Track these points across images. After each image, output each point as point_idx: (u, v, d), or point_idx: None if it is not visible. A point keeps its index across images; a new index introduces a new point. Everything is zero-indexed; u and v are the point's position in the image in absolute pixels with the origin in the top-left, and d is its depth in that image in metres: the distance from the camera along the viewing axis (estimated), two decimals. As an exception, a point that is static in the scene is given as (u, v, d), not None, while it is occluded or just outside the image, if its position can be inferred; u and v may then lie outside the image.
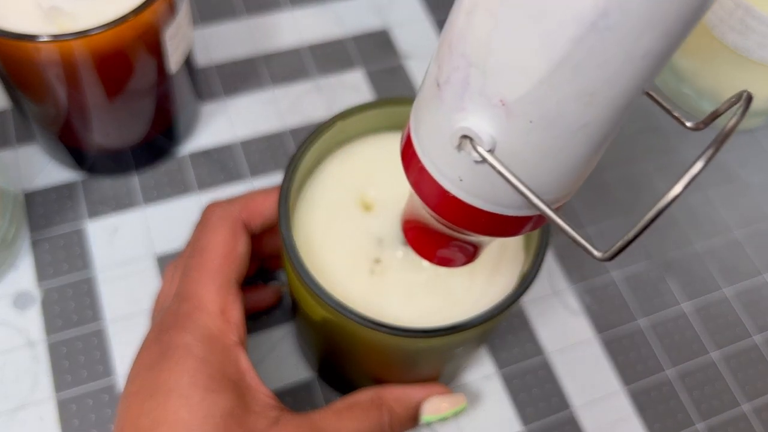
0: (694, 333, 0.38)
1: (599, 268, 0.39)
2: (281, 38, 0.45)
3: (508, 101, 0.15)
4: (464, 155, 0.17)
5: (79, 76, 0.31)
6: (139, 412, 0.25)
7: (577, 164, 0.17)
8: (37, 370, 0.33)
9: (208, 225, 0.29)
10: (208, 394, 0.25)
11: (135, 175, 0.39)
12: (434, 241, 0.22)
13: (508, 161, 0.16)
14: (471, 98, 0.16)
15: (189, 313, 0.26)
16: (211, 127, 0.41)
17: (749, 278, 0.40)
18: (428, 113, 0.18)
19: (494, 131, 0.16)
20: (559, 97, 0.15)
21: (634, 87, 0.15)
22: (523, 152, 0.16)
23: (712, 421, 0.36)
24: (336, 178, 0.28)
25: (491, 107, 0.15)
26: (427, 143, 0.18)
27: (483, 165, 0.17)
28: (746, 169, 0.44)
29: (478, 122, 0.16)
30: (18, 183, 0.38)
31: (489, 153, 0.16)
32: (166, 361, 0.25)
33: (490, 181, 0.17)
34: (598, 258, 0.16)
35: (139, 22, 0.30)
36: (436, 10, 0.47)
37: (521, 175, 0.16)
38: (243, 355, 0.27)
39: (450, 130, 0.17)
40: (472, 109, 0.16)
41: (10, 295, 0.35)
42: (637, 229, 0.15)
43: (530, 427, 0.35)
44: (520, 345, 0.37)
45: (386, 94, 0.43)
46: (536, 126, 0.15)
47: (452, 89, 0.16)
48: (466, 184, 0.17)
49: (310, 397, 0.35)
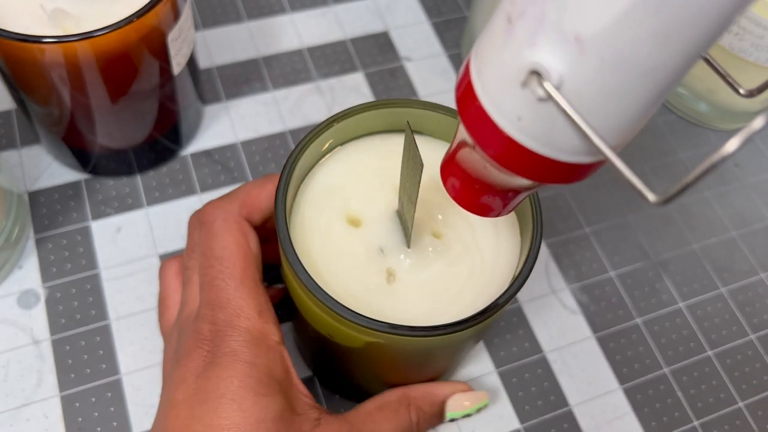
0: (690, 331, 0.39)
1: (597, 268, 0.40)
2: (282, 40, 0.45)
3: (584, 37, 0.15)
4: (528, 93, 0.16)
5: (82, 77, 0.31)
6: (191, 418, 0.25)
7: (638, 110, 0.17)
8: (41, 368, 0.34)
9: (215, 230, 0.28)
10: (259, 398, 0.25)
11: (138, 175, 0.40)
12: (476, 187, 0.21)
13: (573, 101, 0.16)
14: (545, 33, 0.16)
15: (229, 322, 0.26)
16: (213, 128, 0.42)
17: (745, 277, 0.41)
18: (495, 49, 0.17)
19: (564, 68, 0.16)
20: (635, 35, 0.15)
21: (708, 36, 0.15)
22: (588, 92, 0.16)
23: (708, 419, 0.36)
24: (331, 183, 0.28)
25: (565, 43, 0.15)
26: (489, 80, 0.18)
27: (546, 103, 0.16)
28: (742, 170, 0.44)
29: (548, 58, 0.16)
30: (22, 183, 0.38)
31: (555, 90, 0.16)
32: (214, 368, 0.25)
33: (550, 122, 0.17)
34: (652, 201, 0.17)
35: (142, 24, 0.30)
36: (435, 12, 0.48)
37: (587, 116, 0.16)
38: (286, 353, 0.27)
39: (517, 66, 0.16)
40: (544, 45, 0.16)
41: (14, 294, 0.35)
42: (692, 176, 0.16)
43: (528, 424, 0.35)
44: (518, 343, 0.37)
45: (387, 95, 0.44)
46: (607, 65, 0.15)
47: (526, 24, 0.16)
48: (525, 123, 0.17)
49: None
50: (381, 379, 0.31)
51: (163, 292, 0.31)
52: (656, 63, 0.15)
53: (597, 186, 0.43)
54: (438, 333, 0.24)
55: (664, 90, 0.16)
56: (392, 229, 0.27)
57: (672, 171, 0.44)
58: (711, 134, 0.45)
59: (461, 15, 0.48)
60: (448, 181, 0.22)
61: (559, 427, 0.35)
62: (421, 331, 0.24)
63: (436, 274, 0.27)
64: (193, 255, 0.29)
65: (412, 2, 0.48)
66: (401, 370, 0.30)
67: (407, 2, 0.48)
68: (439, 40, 0.47)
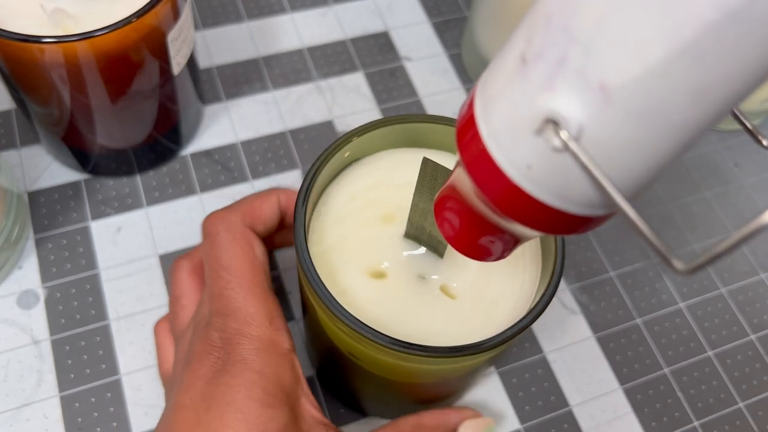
0: (690, 332, 0.39)
1: (597, 268, 0.40)
2: (282, 40, 0.45)
3: (610, 86, 0.14)
4: (541, 141, 0.15)
5: (82, 77, 0.31)
6: (196, 424, 0.25)
7: (662, 163, 0.15)
8: (41, 368, 0.34)
9: (219, 240, 0.28)
10: (264, 410, 0.25)
11: (138, 175, 0.39)
12: (473, 230, 0.20)
13: (592, 152, 0.15)
14: (565, 78, 0.14)
15: (239, 330, 0.26)
16: (213, 128, 0.42)
17: (745, 278, 0.41)
18: (505, 90, 0.16)
19: (584, 117, 0.14)
20: (669, 89, 0.13)
21: (747, 90, 0.14)
22: (610, 144, 0.15)
23: (708, 419, 0.36)
24: (351, 196, 0.28)
25: (588, 90, 0.14)
26: (497, 122, 0.16)
27: (562, 154, 0.15)
28: (742, 170, 0.44)
29: (567, 105, 0.14)
30: (22, 183, 0.38)
31: (574, 141, 0.14)
32: (223, 375, 0.25)
33: (565, 173, 0.15)
34: (679, 270, 0.15)
35: (142, 24, 0.30)
36: (435, 12, 0.48)
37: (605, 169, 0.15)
38: (297, 361, 0.27)
39: (531, 111, 0.15)
40: (564, 90, 0.14)
41: (14, 294, 0.35)
42: (725, 246, 0.14)
43: (528, 425, 0.35)
44: (518, 344, 0.37)
45: (387, 95, 0.44)
46: (633, 117, 0.14)
47: (543, 66, 0.15)
48: (535, 172, 0.16)
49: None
50: (390, 396, 0.31)
51: (176, 292, 0.31)
52: (688, 118, 0.14)
53: (597, 186, 0.42)
54: (470, 352, 0.23)
55: (691, 142, 0.15)
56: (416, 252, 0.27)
57: (671, 173, 0.44)
58: (712, 134, 0.45)
59: (461, 15, 0.48)
60: (444, 219, 0.21)
61: (559, 428, 0.35)
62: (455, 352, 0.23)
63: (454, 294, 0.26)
64: (200, 267, 0.30)
65: (412, 2, 0.48)
66: (415, 391, 0.30)
67: (407, 2, 0.48)
68: (439, 40, 0.47)
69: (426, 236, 0.26)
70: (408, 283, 0.26)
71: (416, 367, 0.25)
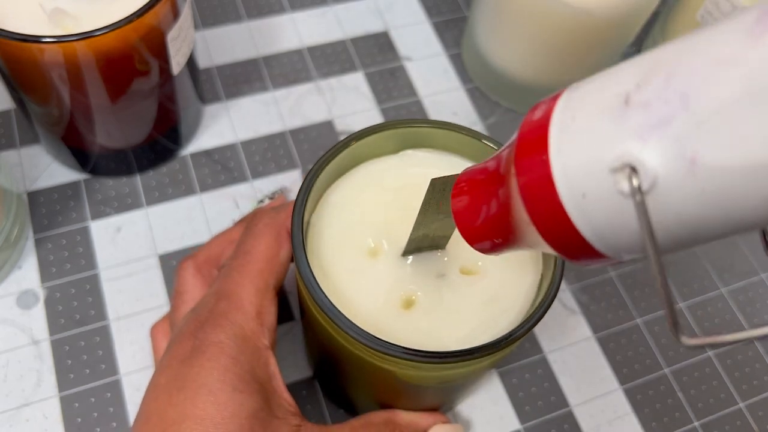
0: (690, 332, 0.38)
1: (597, 268, 0.40)
2: (282, 40, 0.45)
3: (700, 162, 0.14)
4: (610, 179, 0.15)
5: (82, 77, 0.31)
6: (168, 403, 0.25)
7: (704, 240, 0.16)
8: (40, 368, 0.34)
9: (254, 231, 0.29)
10: (236, 394, 0.25)
11: (137, 175, 0.39)
12: (489, 222, 0.20)
13: (651, 209, 0.15)
14: (662, 137, 0.14)
15: (225, 312, 0.27)
16: (212, 128, 0.42)
17: (745, 278, 0.41)
18: (596, 119, 0.16)
19: (662, 177, 0.14)
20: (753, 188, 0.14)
21: None
22: (671, 210, 0.15)
23: (709, 420, 0.36)
24: (350, 199, 0.28)
25: (678, 157, 0.14)
26: (572, 145, 0.16)
27: (623, 198, 0.15)
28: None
29: (653, 161, 0.14)
30: (21, 183, 0.38)
31: (641, 192, 0.15)
32: (198, 357, 0.26)
33: (615, 216, 0.16)
34: (681, 342, 0.16)
35: (141, 24, 0.30)
36: (435, 12, 0.48)
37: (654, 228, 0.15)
38: (272, 359, 0.27)
39: (615, 150, 0.15)
40: (656, 147, 0.14)
41: (13, 294, 0.35)
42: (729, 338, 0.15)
43: (528, 425, 0.35)
44: (518, 344, 0.37)
45: (387, 95, 0.44)
46: (705, 197, 0.14)
47: (646, 117, 0.15)
48: (586, 203, 0.16)
49: (311, 397, 0.35)
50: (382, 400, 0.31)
51: (180, 287, 0.31)
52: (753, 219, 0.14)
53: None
54: (469, 357, 0.23)
55: (736, 234, 0.16)
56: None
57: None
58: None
59: (461, 15, 0.48)
60: (463, 193, 0.21)
61: (559, 428, 0.35)
62: (448, 357, 0.23)
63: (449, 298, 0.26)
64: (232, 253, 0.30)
65: (412, 2, 0.48)
66: (414, 395, 0.30)
67: (407, 2, 0.48)
68: (439, 40, 0.47)
69: (428, 241, 0.26)
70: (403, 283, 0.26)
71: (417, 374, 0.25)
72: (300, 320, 0.36)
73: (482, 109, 0.44)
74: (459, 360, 0.23)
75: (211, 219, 0.39)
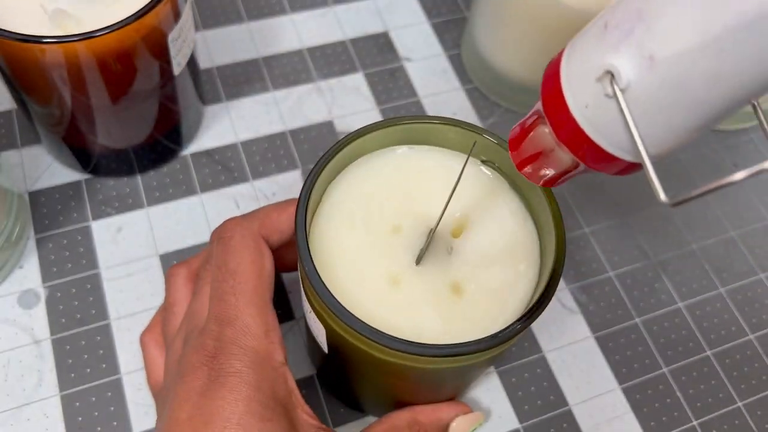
0: (689, 331, 0.39)
1: (596, 268, 0.40)
2: (282, 41, 0.46)
3: (656, 58, 0.19)
4: (599, 87, 0.20)
5: (83, 77, 0.31)
6: None
7: (681, 130, 0.20)
8: (41, 367, 0.34)
9: (232, 245, 0.28)
10: (264, 424, 0.25)
11: (138, 175, 0.40)
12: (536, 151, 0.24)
13: (631, 105, 0.20)
14: (628, 45, 0.19)
15: (235, 339, 0.26)
16: (213, 128, 0.42)
17: (744, 278, 0.41)
18: (586, 45, 0.21)
19: (633, 77, 0.19)
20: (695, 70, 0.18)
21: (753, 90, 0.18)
22: (645, 102, 0.19)
23: (707, 419, 0.36)
24: (352, 195, 0.28)
25: (640, 57, 0.19)
26: (573, 68, 0.21)
27: (610, 100, 0.20)
28: (741, 169, 0.44)
29: (624, 65, 0.19)
30: (22, 183, 0.39)
31: (621, 91, 0.19)
32: (218, 389, 0.25)
33: (609, 117, 0.20)
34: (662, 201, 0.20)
35: (142, 24, 0.30)
36: (435, 12, 0.48)
37: (636, 121, 0.20)
38: (289, 374, 0.27)
39: (599, 63, 0.20)
40: (625, 54, 0.19)
41: (15, 294, 0.36)
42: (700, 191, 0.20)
43: (527, 424, 0.35)
44: (518, 343, 0.37)
45: (387, 95, 0.44)
46: (666, 85, 0.19)
47: (617, 33, 0.19)
48: (589, 111, 0.21)
49: (311, 396, 0.35)
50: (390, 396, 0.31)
51: (170, 298, 0.31)
52: (705, 97, 0.18)
53: (596, 186, 0.43)
54: (469, 351, 0.23)
55: (706, 121, 0.20)
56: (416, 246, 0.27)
57: (671, 172, 0.44)
58: (710, 135, 0.45)
59: (461, 15, 0.48)
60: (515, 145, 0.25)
61: (558, 427, 0.35)
62: (452, 349, 0.23)
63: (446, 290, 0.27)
64: (207, 267, 0.29)
65: (412, 2, 0.48)
66: (414, 390, 0.30)
67: (407, 2, 0.48)
68: (439, 40, 0.47)
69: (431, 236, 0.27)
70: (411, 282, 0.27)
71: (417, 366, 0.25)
72: (301, 319, 0.37)
73: (482, 109, 0.44)
74: (459, 354, 0.23)
75: (211, 219, 0.39)
